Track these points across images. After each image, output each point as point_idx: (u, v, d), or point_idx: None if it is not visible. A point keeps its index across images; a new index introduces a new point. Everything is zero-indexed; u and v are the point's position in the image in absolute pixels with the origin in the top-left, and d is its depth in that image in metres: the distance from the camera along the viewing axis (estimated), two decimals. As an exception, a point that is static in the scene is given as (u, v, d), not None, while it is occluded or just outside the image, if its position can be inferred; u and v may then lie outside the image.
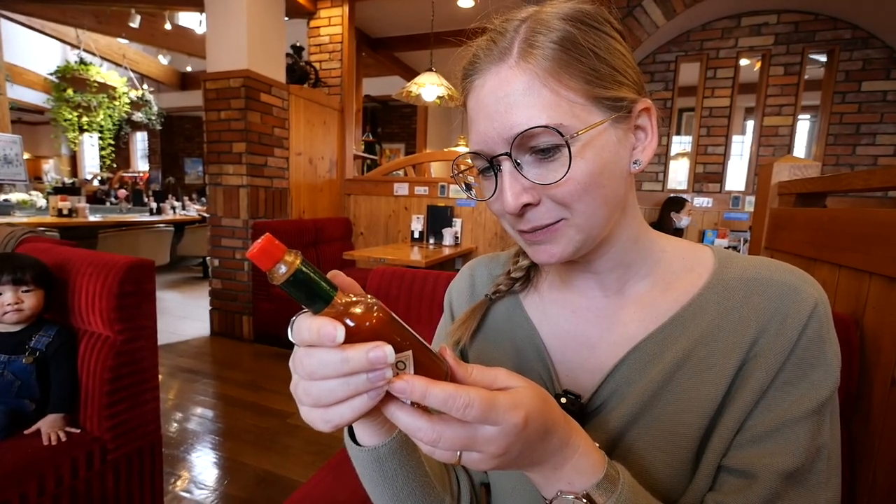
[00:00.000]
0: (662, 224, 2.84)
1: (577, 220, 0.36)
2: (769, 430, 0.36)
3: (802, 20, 2.97)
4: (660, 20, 2.76)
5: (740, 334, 0.38)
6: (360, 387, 0.26)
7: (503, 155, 0.35)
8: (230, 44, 2.76)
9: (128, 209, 5.02)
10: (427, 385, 0.26)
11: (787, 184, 1.17)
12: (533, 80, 0.34)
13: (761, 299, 0.38)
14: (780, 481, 0.35)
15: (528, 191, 0.36)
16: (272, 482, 1.58)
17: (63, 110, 5.55)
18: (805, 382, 0.36)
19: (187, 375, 2.44)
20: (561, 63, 0.34)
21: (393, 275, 1.20)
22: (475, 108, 0.37)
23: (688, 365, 0.39)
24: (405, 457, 0.38)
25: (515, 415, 0.27)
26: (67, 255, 1.26)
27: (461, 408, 0.26)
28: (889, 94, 2.92)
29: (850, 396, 0.75)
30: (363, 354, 0.25)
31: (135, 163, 8.87)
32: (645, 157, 0.39)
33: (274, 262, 0.24)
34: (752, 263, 0.41)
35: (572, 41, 0.35)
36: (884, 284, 0.73)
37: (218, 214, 2.96)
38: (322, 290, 0.26)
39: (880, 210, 0.75)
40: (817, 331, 0.36)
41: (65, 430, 1.10)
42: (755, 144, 3.21)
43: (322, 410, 0.28)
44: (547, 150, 0.35)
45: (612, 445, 0.40)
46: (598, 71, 0.35)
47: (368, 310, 0.27)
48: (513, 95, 0.34)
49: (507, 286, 0.48)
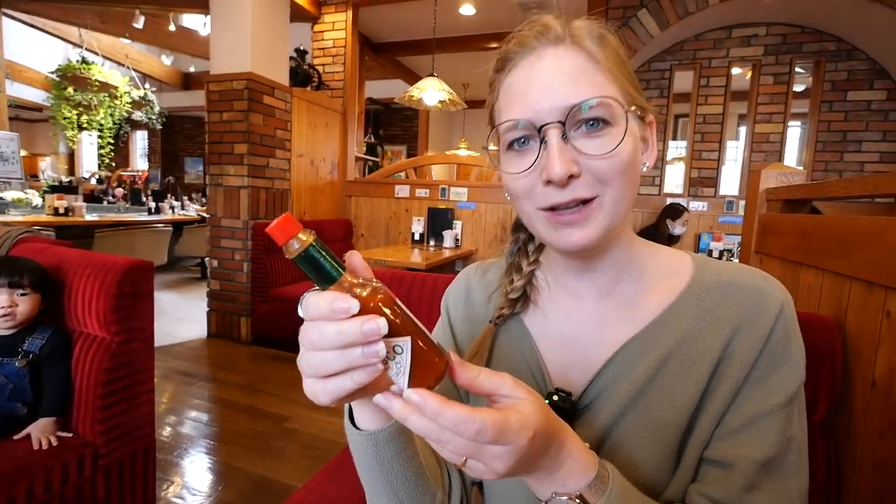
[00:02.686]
0: (658, 228, 2.86)
1: (607, 199, 0.38)
2: (744, 423, 0.39)
3: (790, 32, 3.08)
4: (654, 30, 2.84)
5: (717, 334, 0.41)
6: (356, 360, 0.27)
7: (555, 123, 0.37)
8: (234, 47, 2.76)
9: (126, 208, 5.00)
10: (441, 406, 0.27)
11: (774, 190, 1.20)
12: (588, 63, 0.38)
13: (734, 301, 0.41)
14: (756, 470, 0.38)
15: (575, 161, 0.37)
16: (268, 487, 1.55)
17: (63, 108, 5.52)
18: (774, 378, 0.39)
19: (183, 378, 2.41)
20: (609, 58, 0.39)
21: (392, 277, 1.20)
22: (526, 79, 0.39)
23: (670, 363, 0.41)
24: (402, 443, 0.39)
25: (524, 436, 0.29)
26: (64, 256, 1.24)
27: (473, 433, 0.27)
28: (873, 103, 3.02)
29: (834, 398, 0.77)
30: (357, 326, 0.27)
31: (134, 162, 8.84)
32: (650, 162, 0.43)
33: (288, 238, 0.27)
34: (726, 268, 0.44)
35: (611, 44, 0.40)
36: (863, 289, 0.75)
37: (218, 215, 2.95)
38: (331, 268, 0.28)
39: (860, 217, 0.78)
40: (784, 330, 0.39)
41: (56, 435, 1.07)
42: (748, 150, 3.29)
43: (322, 382, 0.29)
44: (597, 124, 0.37)
45: (600, 441, 0.42)
46: (632, 76, 0.40)
47: (373, 292, 0.29)
48: (572, 72, 0.38)
49: (509, 310, 0.49)
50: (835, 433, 0.79)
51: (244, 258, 2.91)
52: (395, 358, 0.29)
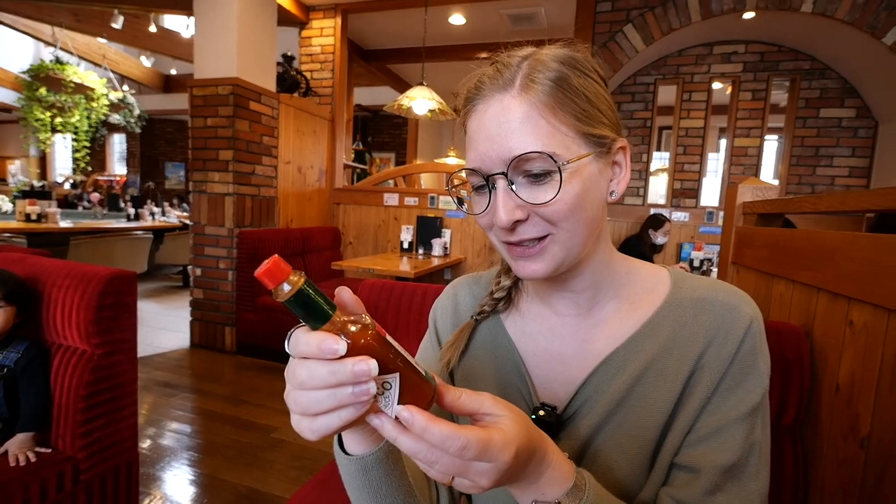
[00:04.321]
0: (641, 238, 2.94)
1: (561, 236, 0.40)
2: (712, 431, 0.41)
3: (767, 51, 3.23)
4: (639, 45, 2.94)
5: (691, 347, 0.43)
6: (345, 399, 0.28)
7: (499, 174, 0.39)
8: (219, 51, 2.72)
9: (103, 215, 4.84)
10: (427, 422, 0.29)
11: (749, 204, 1.26)
12: (532, 110, 0.38)
13: (707, 317, 0.43)
14: (720, 474, 0.40)
15: (519, 208, 0.39)
16: (255, 499, 1.51)
17: (35, 110, 5.31)
18: (741, 389, 0.42)
19: (164, 389, 2.34)
20: (557, 99, 0.38)
21: (382, 287, 1.21)
22: (476, 129, 0.40)
23: (647, 375, 0.43)
24: (390, 466, 0.40)
25: (507, 452, 0.30)
26: (42, 266, 1.20)
27: (458, 449, 0.29)
28: (844, 120, 3.18)
29: (802, 402, 0.81)
30: (349, 367, 0.28)
31: (111, 166, 8.58)
32: (620, 188, 0.44)
33: (279, 282, 0.27)
34: (700, 284, 0.46)
35: (567, 82, 0.39)
36: (829, 299, 0.80)
37: (201, 222, 2.88)
38: (321, 310, 0.28)
39: (826, 232, 0.82)
40: (751, 345, 0.42)
41: (34, 451, 1.03)
42: (727, 163, 3.41)
43: (310, 420, 0.30)
44: (539, 175, 0.38)
45: (582, 450, 0.45)
46: (587, 111, 0.40)
47: (363, 330, 0.29)
48: (513, 122, 0.38)
49: (490, 307, 0.51)
50: (803, 435, 0.83)
51: (229, 266, 2.85)
52: (384, 393, 0.30)
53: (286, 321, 2.73)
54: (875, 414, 0.65)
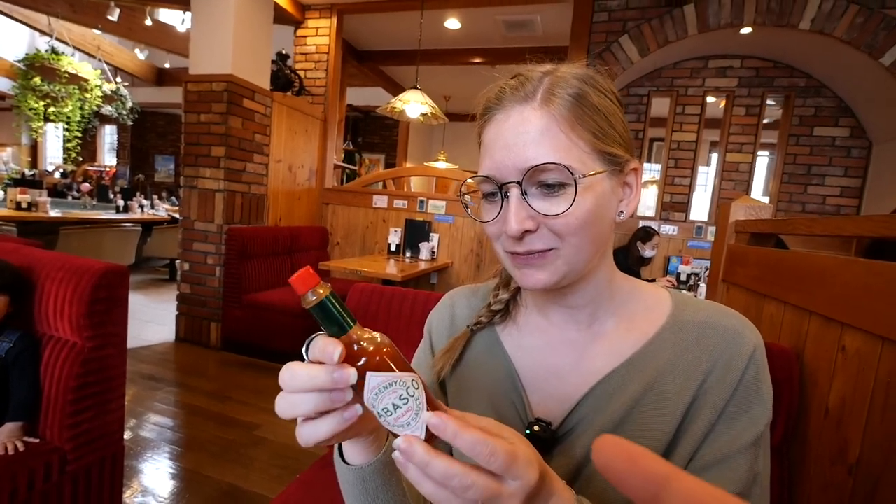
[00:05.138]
0: (629, 250, 2.98)
1: (566, 251, 0.40)
2: (715, 460, 0.40)
3: (763, 66, 3.23)
4: (635, 56, 2.94)
5: (693, 371, 0.42)
6: (321, 404, 0.29)
7: (514, 183, 0.39)
8: (215, 47, 2.74)
9: (92, 205, 4.81)
10: (459, 428, 0.28)
11: (742, 223, 1.25)
12: (551, 123, 0.39)
13: (710, 341, 0.43)
14: None
15: (530, 218, 0.39)
16: (236, 496, 1.55)
17: (29, 99, 5.26)
18: (745, 417, 0.41)
19: (149, 383, 2.36)
20: (576, 114, 0.39)
21: (373, 291, 1.22)
22: (494, 137, 0.41)
23: (647, 397, 0.42)
24: (388, 476, 0.41)
25: (533, 471, 0.29)
26: (35, 257, 1.22)
27: (487, 455, 0.27)
28: (837, 139, 3.18)
29: (791, 423, 0.81)
30: (328, 374, 0.29)
31: (101, 156, 8.48)
32: (629, 209, 0.44)
33: (307, 289, 0.30)
34: (703, 307, 0.46)
35: (586, 98, 0.40)
36: (821, 323, 0.80)
37: (191, 217, 2.90)
38: (342, 320, 0.30)
39: (819, 255, 0.82)
40: (755, 372, 0.41)
41: (23, 440, 1.07)
42: (718, 178, 3.42)
43: (299, 425, 0.31)
44: (553, 186, 0.39)
45: (576, 471, 0.43)
46: (603, 128, 0.40)
47: (378, 346, 0.31)
48: (532, 133, 0.39)
49: (487, 318, 0.51)
50: (790, 456, 0.83)
51: (217, 262, 2.87)
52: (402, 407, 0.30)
53: (272, 319, 2.76)
54: (865, 440, 0.64)
